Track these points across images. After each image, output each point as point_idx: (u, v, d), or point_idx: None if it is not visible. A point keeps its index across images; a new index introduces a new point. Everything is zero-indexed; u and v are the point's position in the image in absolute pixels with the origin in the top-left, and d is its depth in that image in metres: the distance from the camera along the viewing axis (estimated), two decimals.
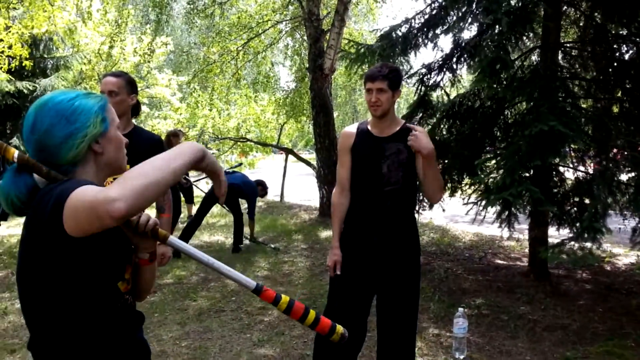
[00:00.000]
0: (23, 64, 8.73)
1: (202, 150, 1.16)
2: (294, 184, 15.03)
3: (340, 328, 1.46)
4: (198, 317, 4.19)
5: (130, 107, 2.69)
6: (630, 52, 5.53)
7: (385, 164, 2.54)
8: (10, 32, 8.37)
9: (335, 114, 12.49)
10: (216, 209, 10.86)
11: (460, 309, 3.50)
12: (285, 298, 1.42)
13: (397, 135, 2.56)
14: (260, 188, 7.00)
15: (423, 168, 2.53)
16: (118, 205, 0.96)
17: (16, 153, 1.17)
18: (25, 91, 11.07)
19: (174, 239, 1.34)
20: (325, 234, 7.50)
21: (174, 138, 7.15)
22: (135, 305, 1.33)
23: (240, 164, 9.62)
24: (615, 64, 5.28)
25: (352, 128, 2.72)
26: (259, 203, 11.94)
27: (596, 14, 5.64)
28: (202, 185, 9.91)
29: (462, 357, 3.41)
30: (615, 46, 5.38)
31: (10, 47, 8.33)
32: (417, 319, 2.70)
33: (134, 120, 2.83)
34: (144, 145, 2.49)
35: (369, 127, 2.64)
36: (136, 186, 0.98)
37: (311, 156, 12.47)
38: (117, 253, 1.22)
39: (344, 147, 2.68)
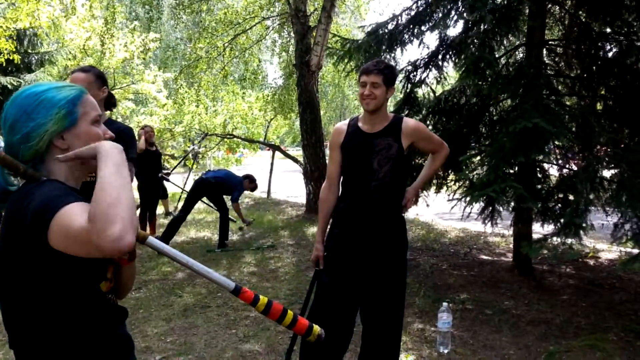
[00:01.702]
0: (11, 58, 8.61)
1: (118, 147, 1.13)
2: (281, 180, 15.01)
3: (317, 329, 1.47)
4: (183, 313, 4.17)
5: (102, 101, 2.68)
6: (614, 50, 5.60)
7: (375, 159, 2.55)
8: None
9: (322, 111, 12.51)
10: (202, 205, 10.83)
11: (445, 304, 3.53)
12: (263, 299, 1.42)
13: (386, 130, 2.57)
14: (247, 181, 6.97)
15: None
16: (127, 241, 0.96)
17: None
18: (10, 87, 10.95)
19: (152, 239, 1.33)
20: (312, 230, 7.50)
21: (146, 133, 7.20)
22: (117, 302, 1.32)
23: (206, 135, 9.75)
24: (599, 62, 5.34)
25: (343, 124, 2.73)
26: (246, 199, 11.92)
27: (581, 12, 5.70)
28: (176, 181, 9.86)
29: (446, 351, 3.44)
30: (599, 44, 5.43)
31: None
32: (403, 315, 2.71)
33: (107, 113, 2.84)
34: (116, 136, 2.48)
35: (360, 124, 2.65)
36: (125, 213, 0.98)
37: (299, 153, 12.47)
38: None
39: (335, 143, 2.70)
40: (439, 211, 8.59)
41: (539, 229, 5.32)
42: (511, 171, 4.71)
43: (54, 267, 1.10)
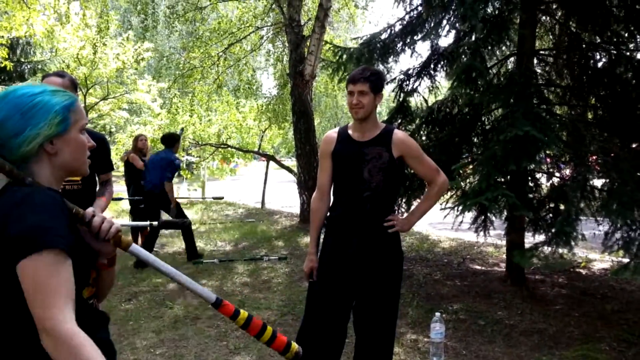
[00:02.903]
0: (3, 65, 8.61)
1: None
2: (275, 191, 15.00)
3: (295, 346, 1.47)
4: (174, 325, 4.12)
5: None
6: (604, 60, 5.64)
7: (366, 168, 2.51)
8: None
9: (317, 121, 12.52)
10: (197, 215, 10.78)
11: (437, 314, 3.50)
12: (244, 313, 1.41)
13: (377, 139, 2.54)
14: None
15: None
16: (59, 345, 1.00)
17: None
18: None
19: (136, 247, 1.32)
20: (306, 240, 7.47)
21: (140, 142, 7.14)
22: (98, 307, 1.30)
23: (222, 198, 9.56)
24: (589, 72, 5.38)
25: (333, 133, 2.71)
26: (240, 210, 11.89)
27: (571, 22, 5.74)
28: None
29: None
30: (589, 54, 5.48)
31: None
32: (396, 325, 2.68)
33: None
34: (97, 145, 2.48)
35: (350, 132, 2.62)
36: None
37: (293, 164, 12.48)
38: (81, 262, 1.18)
39: (325, 152, 2.67)
40: (432, 221, 8.59)
41: (531, 239, 5.31)
42: (503, 180, 4.72)
43: None
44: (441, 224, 8.50)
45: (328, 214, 2.71)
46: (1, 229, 1.05)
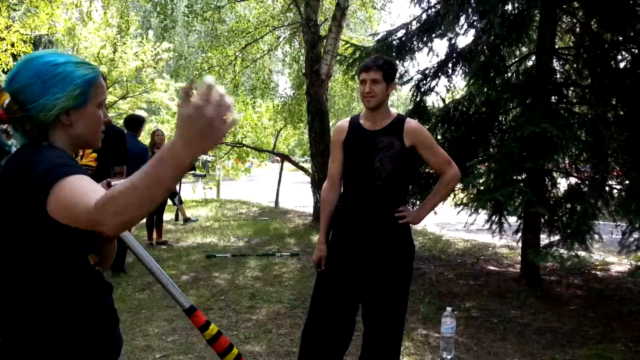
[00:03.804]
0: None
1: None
2: (289, 191, 15.02)
3: None
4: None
5: None
6: (626, 59, 5.56)
7: (377, 157, 2.48)
8: (11, 30, 8.43)
9: (331, 122, 12.53)
10: (211, 212, 10.85)
11: (449, 309, 3.47)
12: (213, 328, 1.42)
13: (389, 128, 2.51)
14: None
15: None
16: (128, 228, 1.00)
17: (8, 100, 1.13)
18: None
19: (127, 234, 1.33)
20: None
21: (157, 137, 7.20)
22: (103, 275, 1.31)
23: (204, 175, 9.58)
24: (611, 72, 5.30)
25: (345, 122, 2.68)
26: (253, 208, 11.94)
27: (592, 22, 5.67)
28: (186, 190, 9.85)
29: (449, 357, 3.37)
30: (610, 54, 5.40)
31: (12, 45, 8.39)
32: (405, 320, 2.63)
33: None
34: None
35: (362, 121, 2.59)
36: (139, 212, 0.95)
37: (308, 166, 12.53)
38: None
39: (336, 142, 2.65)
40: (447, 221, 8.53)
41: (546, 240, 5.24)
42: (519, 178, 4.67)
43: (48, 233, 1.09)
44: (453, 225, 8.46)
45: (338, 203, 2.67)
46: (22, 182, 1.07)
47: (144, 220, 7.10)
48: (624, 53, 5.54)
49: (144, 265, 1.35)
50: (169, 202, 9.38)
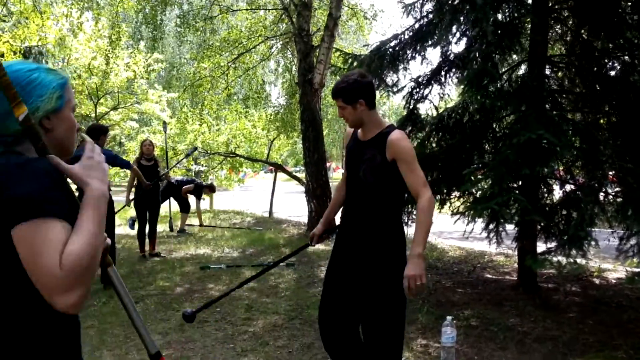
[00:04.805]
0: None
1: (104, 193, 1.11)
2: (283, 201, 14.97)
3: None
4: (180, 328, 4.07)
5: None
6: (617, 67, 5.59)
7: (362, 168, 2.55)
8: (0, 41, 8.37)
9: (325, 131, 12.53)
10: (205, 222, 10.76)
11: (449, 318, 3.43)
12: None
13: (374, 140, 2.54)
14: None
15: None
16: (76, 308, 0.99)
17: (25, 113, 1.09)
18: None
19: (114, 271, 1.31)
20: (314, 248, 7.41)
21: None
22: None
23: (195, 149, 9.82)
24: (602, 79, 5.33)
25: (351, 129, 2.75)
26: (248, 218, 11.87)
27: (583, 30, 5.71)
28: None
29: None
30: (602, 61, 5.43)
31: (2, 56, 8.33)
32: (404, 329, 2.59)
33: None
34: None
35: (359, 130, 2.65)
36: (89, 279, 1.00)
37: (301, 175, 12.48)
38: None
39: (344, 146, 2.86)
40: (441, 230, 8.51)
41: (543, 247, 5.22)
42: (515, 185, 4.66)
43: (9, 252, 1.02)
44: (449, 233, 8.45)
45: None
46: (1, 189, 1.02)
47: (135, 231, 7.03)
48: (614, 61, 5.57)
49: (119, 300, 1.31)
50: (170, 212, 9.36)
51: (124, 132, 18.35)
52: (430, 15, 5.73)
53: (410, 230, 7.25)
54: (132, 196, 7.03)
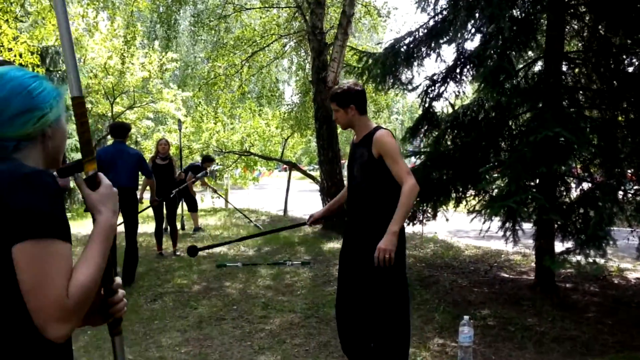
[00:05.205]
0: (35, 71, 8.87)
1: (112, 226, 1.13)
2: (297, 199, 14.99)
3: None
4: (198, 325, 4.12)
5: None
6: (635, 64, 5.51)
7: (355, 166, 2.92)
8: (18, 41, 8.49)
9: (339, 129, 12.52)
10: (220, 221, 10.82)
11: (466, 317, 3.42)
12: None
13: (363, 140, 2.88)
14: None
15: None
16: (64, 338, 0.97)
17: (95, 170, 1.13)
18: None
19: (120, 339, 1.31)
20: (329, 246, 7.43)
21: (160, 146, 7.26)
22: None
23: (206, 173, 9.85)
24: (620, 76, 5.25)
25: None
26: (262, 217, 11.91)
27: (600, 26, 5.63)
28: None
29: None
30: (619, 58, 5.35)
31: (20, 56, 8.45)
32: (397, 314, 2.83)
33: None
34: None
35: (355, 135, 3.04)
36: (84, 312, 0.99)
37: (315, 174, 12.50)
38: None
39: None
40: (457, 228, 8.47)
41: (559, 246, 5.17)
42: (532, 183, 4.62)
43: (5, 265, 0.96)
44: (466, 233, 8.40)
45: None
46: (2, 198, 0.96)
47: (153, 229, 7.11)
48: (632, 57, 5.49)
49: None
50: (182, 210, 9.41)
51: (140, 131, 18.53)
52: (445, 12, 5.70)
53: (425, 229, 7.24)
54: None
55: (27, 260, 0.93)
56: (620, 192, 4.58)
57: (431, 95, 6.01)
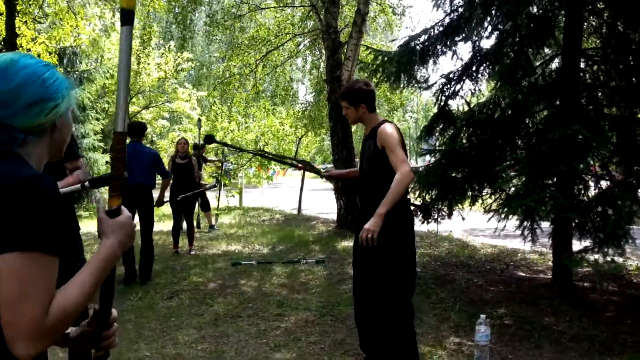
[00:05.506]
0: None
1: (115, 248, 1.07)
2: (311, 198, 15.02)
3: None
4: (214, 322, 4.15)
5: None
6: None
7: (364, 160, 3.10)
8: (37, 42, 8.62)
9: (353, 128, 12.52)
10: (234, 220, 10.89)
11: (482, 316, 3.40)
12: None
13: (370, 133, 3.05)
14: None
15: None
16: (34, 353, 0.89)
17: (119, 205, 1.11)
18: None
19: None
20: (343, 244, 7.43)
21: (179, 145, 7.40)
22: None
23: (216, 185, 9.92)
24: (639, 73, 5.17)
25: None
26: (277, 215, 11.95)
27: (618, 22, 5.55)
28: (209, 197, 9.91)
29: None
30: (639, 54, 5.26)
31: (38, 57, 8.59)
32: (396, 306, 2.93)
33: None
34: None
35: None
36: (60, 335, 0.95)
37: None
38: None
39: None
40: (473, 227, 8.42)
41: (577, 244, 5.11)
42: (550, 182, 4.57)
43: None
44: (482, 231, 8.34)
45: None
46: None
47: (170, 227, 7.18)
48: None
49: None
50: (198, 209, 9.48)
51: (156, 130, 18.72)
52: (461, 9, 5.66)
53: (440, 228, 7.21)
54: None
55: (11, 271, 0.88)
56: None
57: (447, 94, 5.98)
